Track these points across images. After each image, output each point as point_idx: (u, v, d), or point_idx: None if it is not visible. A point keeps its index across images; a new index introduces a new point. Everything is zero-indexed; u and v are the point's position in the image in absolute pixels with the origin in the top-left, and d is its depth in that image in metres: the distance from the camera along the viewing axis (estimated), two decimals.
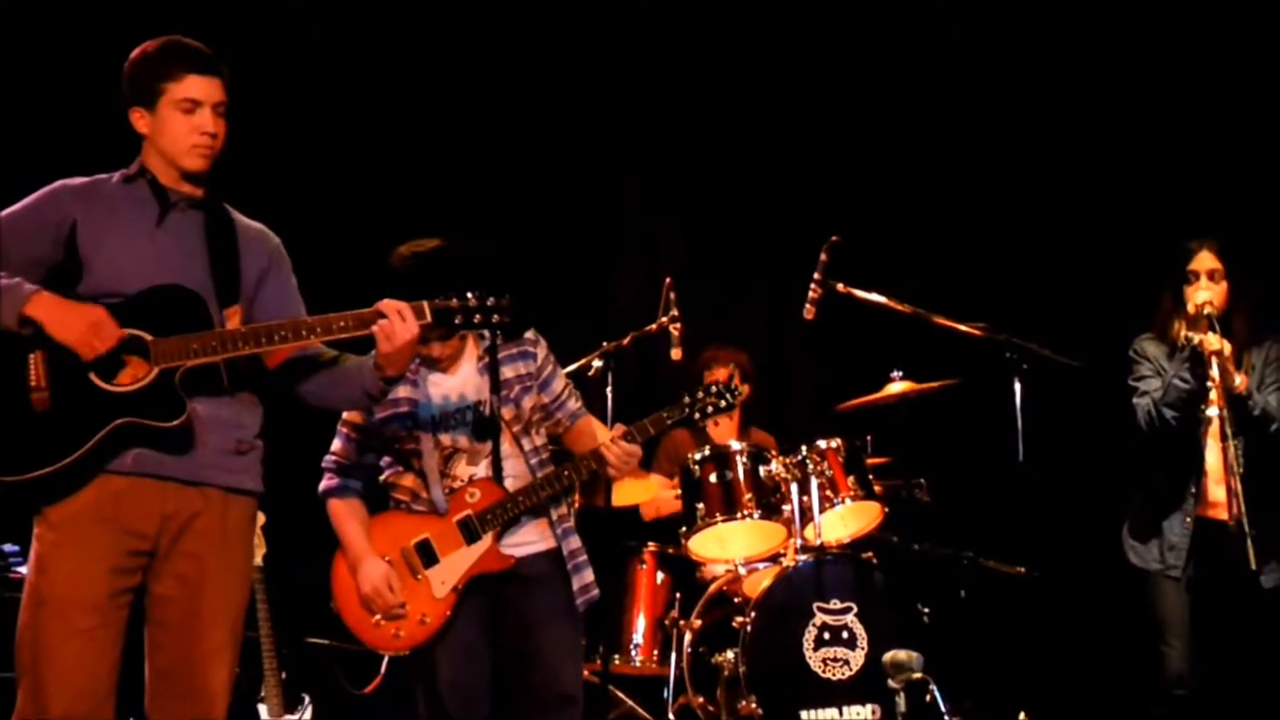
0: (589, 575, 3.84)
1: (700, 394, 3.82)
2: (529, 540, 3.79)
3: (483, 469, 3.78)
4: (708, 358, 5.61)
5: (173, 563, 3.04)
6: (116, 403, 2.96)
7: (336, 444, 3.88)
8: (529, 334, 3.91)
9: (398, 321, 3.13)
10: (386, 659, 3.90)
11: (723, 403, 3.82)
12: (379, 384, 3.23)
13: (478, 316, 3.25)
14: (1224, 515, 4.29)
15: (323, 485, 3.89)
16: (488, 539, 3.72)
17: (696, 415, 3.81)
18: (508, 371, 3.82)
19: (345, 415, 3.86)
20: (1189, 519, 4.38)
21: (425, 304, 3.19)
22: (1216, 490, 4.34)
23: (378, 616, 3.70)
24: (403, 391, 3.75)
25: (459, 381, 3.82)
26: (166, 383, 2.98)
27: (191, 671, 3.05)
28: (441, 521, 3.74)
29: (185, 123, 3.09)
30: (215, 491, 3.08)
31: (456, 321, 3.25)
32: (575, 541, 3.86)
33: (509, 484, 3.76)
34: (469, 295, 3.25)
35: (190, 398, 3.01)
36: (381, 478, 3.90)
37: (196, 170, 3.13)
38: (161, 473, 3.01)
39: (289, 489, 4.40)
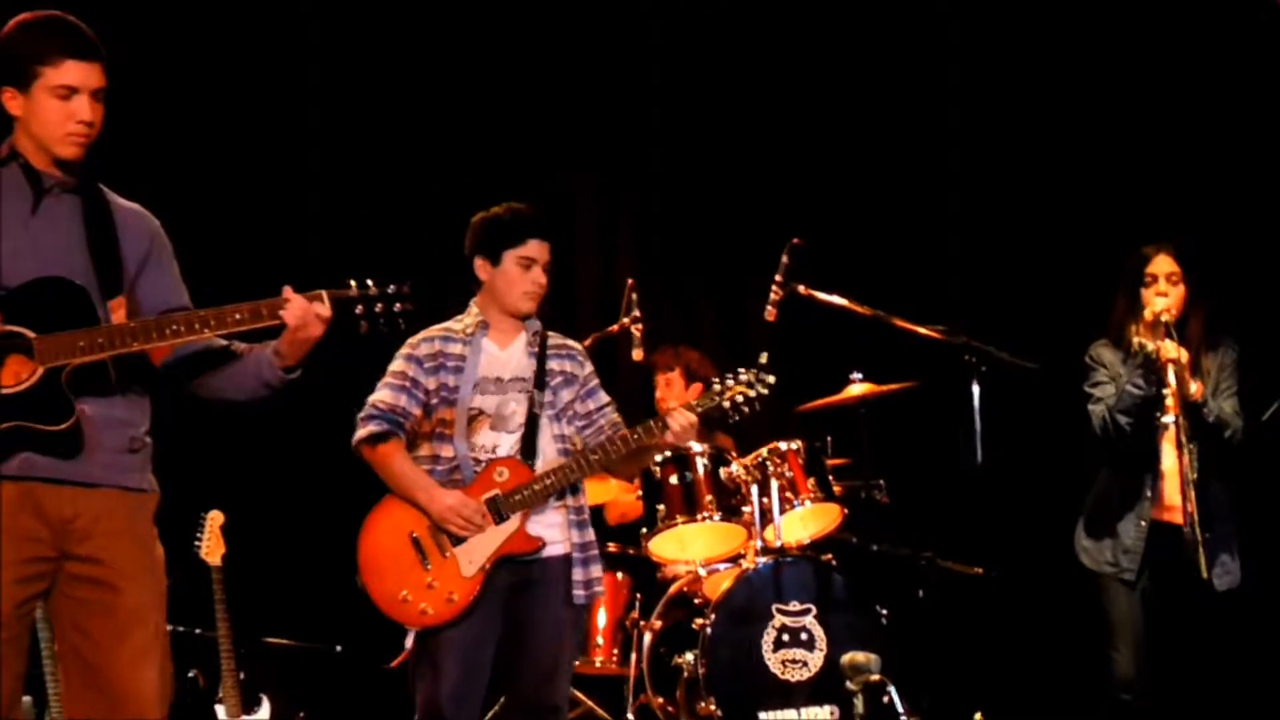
0: (597, 570, 3.86)
1: (730, 382, 3.80)
2: (551, 538, 3.79)
3: (506, 444, 3.79)
4: (654, 359, 5.62)
5: (82, 568, 2.91)
6: (1, 405, 2.81)
7: (384, 394, 3.82)
8: (576, 345, 4.03)
9: (317, 307, 3.01)
10: (412, 634, 3.81)
11: (753, 392, 3.79)
12: (279, 374, 3.08)
13: (379, 305, 3.09)
14: (1179, 519, 4.29)
15: (369, 430, 3.79)
16: (516, 519, 3.71)
17: (727, 405, 3.79)
18: (553, 365, 3.91)
19: (394, 366, 3.85)
20: (1143, 522, 4.40)
21: (324, 292, 3.05)
22: (1173, 494, 4.35)
23: (404, 592, 3.66)
24: (455, 349, 3.82)
25: (508, 355, 3.88)
26: (53, 383, 2.84)
27: (117, 676, 2.91)
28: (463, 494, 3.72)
29: (61, 109, 2.93)
30: (114, 492, 2.95)
31: (357, 311, 3.09)
32: (589, 534, 3.88)
33: (536, 466, 3.78)
34: (368, 283, 3.10)
35: (78, 397, 2.87)
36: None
37: (70, 158, 2.98)
38: (56, 476, 2.88)
39: (246, 490, 4.40)
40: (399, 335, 3.55)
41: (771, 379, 3.82)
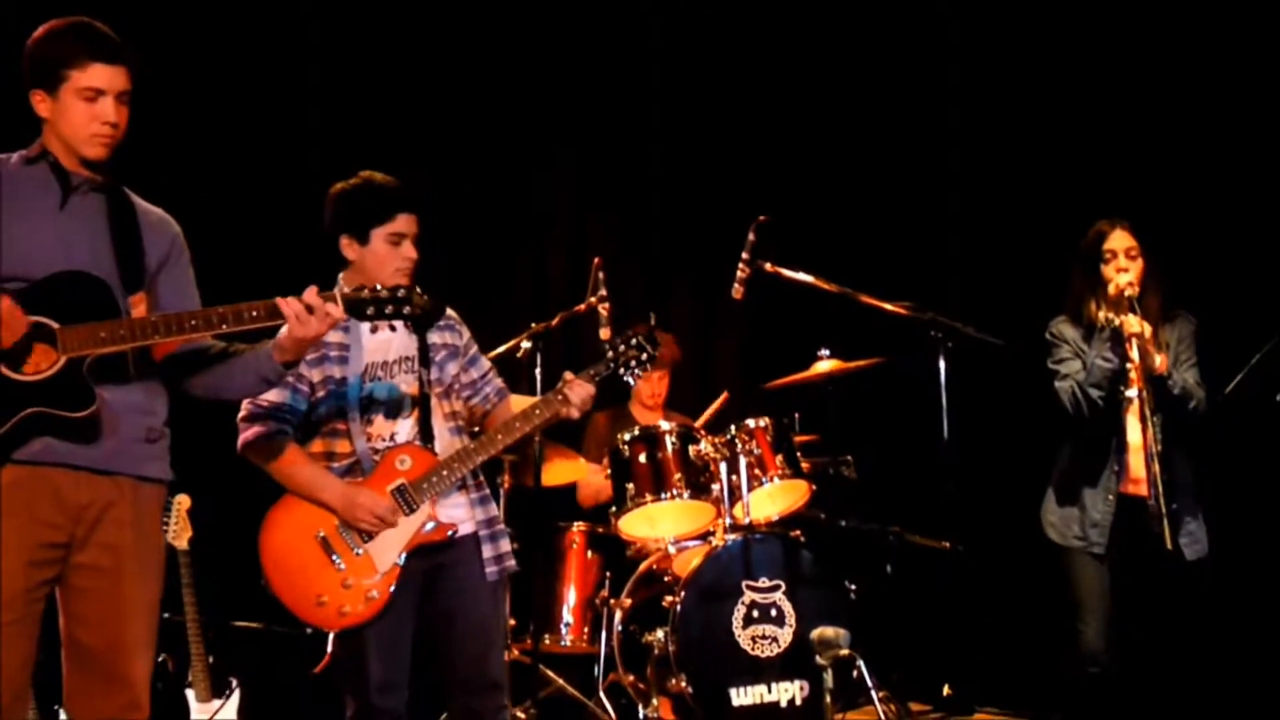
0: (505, 544, 3.80)
1: (621, 347, 3.81)
2: (458, 518, 3.73)
3: (404, 430, 3.71)
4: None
5: (89, 554, 2.99)
6: (24, 392, 2.90)
7: (268, 392, 3.66)
8: (451, 312, 3.91)
9: (330, 308, 3.11)
10: (333, 636, 3.76)
11: (644, 355, 3.81)
12: (278, 369, 3.20)
13: (389, 307, 3.23)
14: (1145, 491, 4.31)
15: (256, 431, 3.65)
16: (426, 508, 3.63)
17: (621, 370, 3.80)
18: (434, 338, 3.81)
19: None
20: (1111, 496, 4.42)
21: (336, 293, 3.18)
22: (1138, 467, 4.36)
23: (321, 595, 3.57)
24: (335, 337, 3.67)
25: (389, 336, 3.77)
26: (74, 372, 2.93)
27: (115, 662, 3.01)
28: (372, 491, 3.63)
29: (87, 111, 3.03)
30: (127, 480, 3.04)
31: (369, 313, 3.23)
32: (492, 509, 3.82)
33: (436, 449, 3.70)
34: (378, 286, 3.25)
35: (98, 385, 2.96)
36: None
37: (96, 159, 3.08)
38: (72, 462, 2.96)
39: (214, 474, 4.37)
40: None
41: (659, 339, 3.87)
